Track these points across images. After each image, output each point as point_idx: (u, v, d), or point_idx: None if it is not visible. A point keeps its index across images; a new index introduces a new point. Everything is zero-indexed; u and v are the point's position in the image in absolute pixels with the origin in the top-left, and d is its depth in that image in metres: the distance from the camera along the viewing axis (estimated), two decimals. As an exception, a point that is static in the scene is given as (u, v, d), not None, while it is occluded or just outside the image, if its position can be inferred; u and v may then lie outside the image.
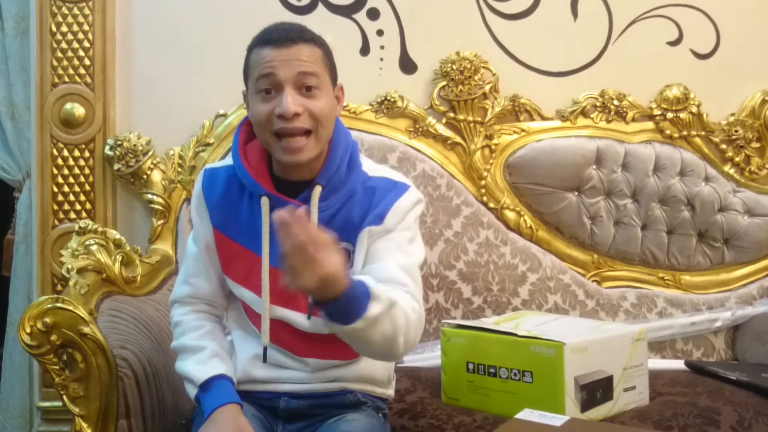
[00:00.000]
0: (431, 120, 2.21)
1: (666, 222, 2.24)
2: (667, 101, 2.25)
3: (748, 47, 2.30)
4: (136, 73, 2.22)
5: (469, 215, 2.16)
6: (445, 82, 2.21)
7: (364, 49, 2.24)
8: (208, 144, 2.18)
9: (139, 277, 1.87)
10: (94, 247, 1.77)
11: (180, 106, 2.21)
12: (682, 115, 2.25)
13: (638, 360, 1.68)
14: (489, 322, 1.78)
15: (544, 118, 2.25)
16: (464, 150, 2.22)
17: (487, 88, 2.21)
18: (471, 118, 2.21)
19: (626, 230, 2.23)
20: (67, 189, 2.16)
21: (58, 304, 1.47)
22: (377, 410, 1.50)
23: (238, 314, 1.51)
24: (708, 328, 2.17)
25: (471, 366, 1.66)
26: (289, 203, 1.39)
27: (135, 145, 2.15)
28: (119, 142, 2.15)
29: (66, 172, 2.16)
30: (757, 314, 2.15)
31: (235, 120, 2.16)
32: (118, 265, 1.79)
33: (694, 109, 2.25)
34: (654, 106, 2.26)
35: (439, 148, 2.22)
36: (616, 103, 2.25)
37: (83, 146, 2.16)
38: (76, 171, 2.16)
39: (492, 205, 2.21)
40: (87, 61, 2.15)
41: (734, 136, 2.26)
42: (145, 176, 2.16)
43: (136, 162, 2.15)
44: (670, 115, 2.25)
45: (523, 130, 2.23)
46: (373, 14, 2.24)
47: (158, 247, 2.15)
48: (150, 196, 2.17)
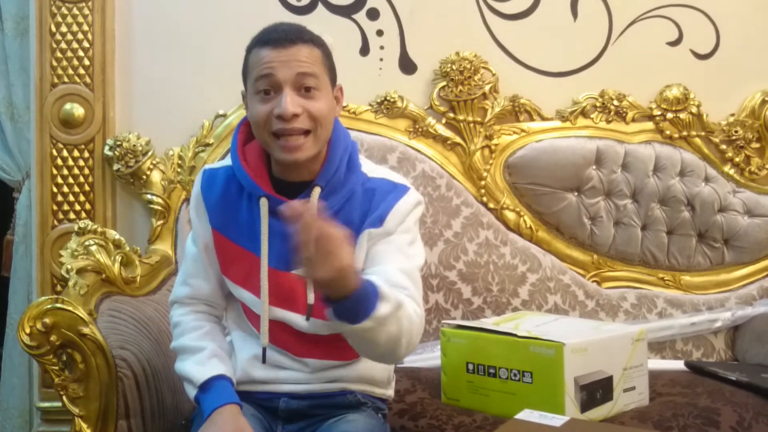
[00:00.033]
0: (431, 120, 2.21)
1: (666, 222, 2.24)
2: (667, 101, 2.25)
3: (748, 47, 2.29)
4: (136, 73, 2.22)
5: (469, 215, 2.16)
6: (444, 83, 2.21)
7: (364, 50, 2.24)
8: (208, 144, 2.18)
9: (139, 278, 1.87)
10: (94, 248, 1.77)
11: (180, 107, 2.21)
12: (682, 116, 2.25)
13: (638, 360, 1.68)
14: (489, 322, 1.78)
15: (544, 119, 2.25)
16: (464, 150, 2.22)
17: (487, 88, 2.21)
18: (471, 119, 2.21)
19: (626, 230, 2.23)
20: (66, 189, 2.16)
21: (58, 305, 1.47)
22: (377, 411, 1.50)
23: (238, 315, 1.50)
24: (708, 329, 2.16)
25: (471, 366, 1.66)
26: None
27: (134, 146, 2.15)
28: (119, 143, 2.15)
29: (65, 172, 2.16)
30: (757, 315, 2.15)
31: (234, 120, 2.16)
32: (117, 265, 1.79)
33: (694, 110, 2.25)
34: (654, 106, 2.26)
35: (438, 149, 2.22)
36: (616, 103, 2.25)
37: (83, 146, 2.16)
38: (76, 171, 2.16)
39: (492, 206, 2.21)
40: (86, 62, 2.15)
41: (734, 137, 2.26)
42: (145, 176, 2.16)
43: (136, 162, 2.15)
44: (670, 116, 2.25)
45: (523, 131, 2.23)
46: (373, 14, 2.24)
47: (158, 248, 2.15)
48: (149, 197, 2.17)
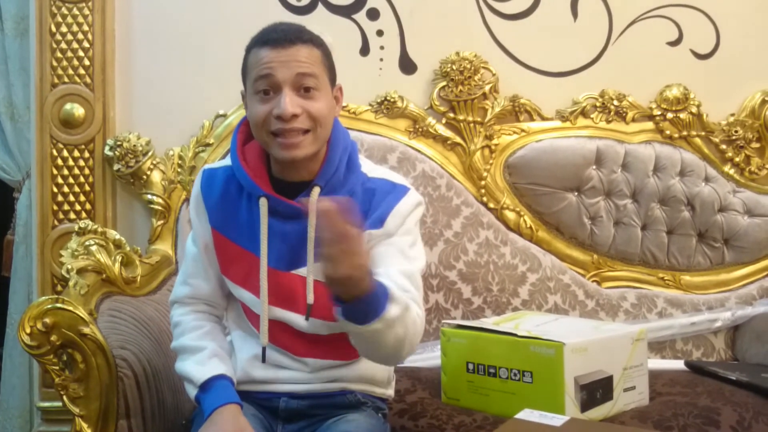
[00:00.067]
0: (431, 120, 2.21)
1: (666, 222, 2.24)
2: (667, 101, 2.25)
3: (748, 47, 2.29)
4: (136, 73, 2.22)
5: (469, 215, 2.16)
6: (444, 83, 2.21)
7: (364, 50, 2.24)
8: (208, 144, 2.18)
9: (139, 278, 1.87)
10: (94, 248, 1.77)
11: (180, 107, 2.21)
12: (682, 116, 2.25)
13: (638, 360, 1.68)
14: (489, 322, 1.78)
15: (544, 119, 2.25)
16: (464, 150, 2.22)
17: (487, 88, 2.21)
18: (471, 119, 2.21)
19: (626, 230, 2.23)
20: (66, 189, 2.16)
21: (58, 305, 1.47)
22: (377, 410, 1.50)
23: (238, 315, 1.50)
24: (708, 329, 2.16)
25: (471, 366, 1.66)
26: (287, 204, 1.39)
27: (135, 146, 2.15)
28: (119, 143, 2.15)
29: (66, 172, 2.16)
30: (757, 314, 2.15)
31: (234, 120, 2.15)
32: (117, 265, 1.79)
33: (694, 110, 2.25)
34: (654, 106, 2.26)
35: (438, 149, 2.22)
36: (616, 103, 2.25)
37: (83, 147, 2.16)
38: (76, 171, 2.16)
39: (492, 206, 2.21)
40: (87, 62, 2.15)
41: (734, 137, 2.26)
42: (145, 177, 2.16)
43: (136, 162, 2.15)
44: (670, 116, 2.25)
45: (523, 131, 2.23)
46: (373, 14, 2.24)
47: (158, 248, 2.15)
48: (150, 197, 2.17)
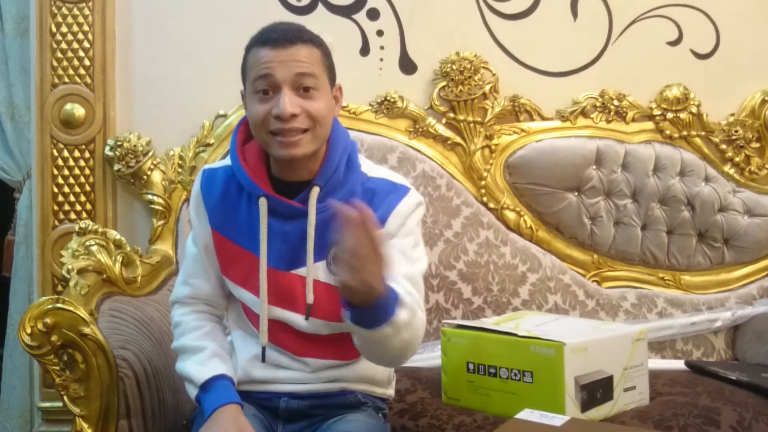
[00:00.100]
0: (431, 120, 2.21)
1: (666, 222, 2.24)
2: (667, 101, 2.25)
3: (748, 47, 2.29)
4: (136, 74, 2.22)
5: (469, 215, 2.16)
6: (445, 83, 2.21)
7: (364, 50, 2.24)
8: (208, 144, 2.18)
9: (140, 278, 1.87)
10: (95, 248, 1.77)
11: (180, 107, 2.21)
12: (682, 115, 2.25)
13: (638, 360, 1.68)
14: (489, 322, 1.78)
15: (544, 119, 2.25)
16: (464, 150, 2.22)
17: (487, 88, 2.21)
18: (471, 119, 2.21)
19: (626, 230, 2.23)
20: (67, 190, 2.16)
21: (59, 305, 1.47)
22: (377, 410, 1.50)
23: (238, 315, 1.50)
24: (708, 328, 2.16)
25: (471, 366, 1.66)
26: (287, 204, 1.39)
27: (135, 146, 2.15)
28: (119, 143, 2.15)
29: (66, 172, 2.16)
30: (757, 314, 2.15)
31: (235, 120, 2.15)
32: (118, 265, 1.79)
33: (694, 109, 2.25)
34: (654, 106, 2.26)
35: (439, 149, 2.22)
36: (616, 103, 2.25)
37: (83, 147, 2.16)
38: (77, 172, 2.16)
39: (492, 206, 2.21)
40: (87, 62, 2.15)
41: (734, 137, 2.26)
42: (146, 177, 2.17)
43: (137, 162, 2.15)
44: (670, 115, 2.25)
45: (523, 131, 2.23)
46: (373, 14, 2.24)
47: (158, 248, 2.15)
48: (150, 197, 2.17)
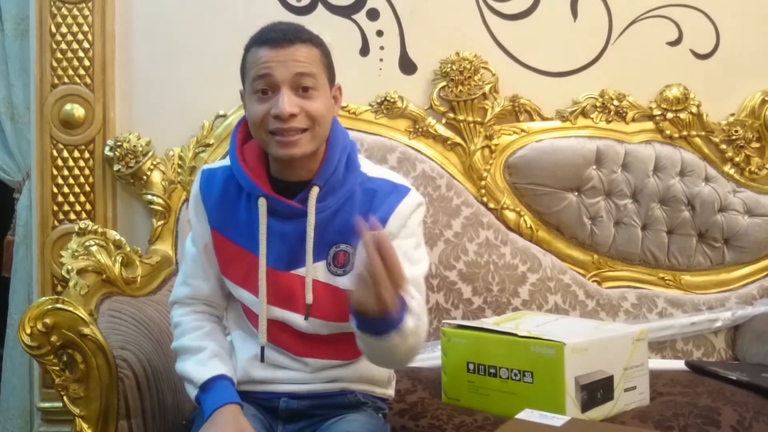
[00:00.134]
0: (431, 120, 2.21)
1: (666, 222, 2.24)
2: (667, 101, 2.25)
3: (748, 47, 2.29)
4: (136, 74, 2.22)
5: (469, 215, 2.16)
6: (444, 83, 2.21)
7: (364, 50, 2.24)
8: (208, 145, 2.18)
9: (139, 278, 1.87)
10: (94, 248, 1.77)
11: (180, 107, 2.21)
12: (682, 115, 2.25)
13: (639, 360, 1.68)
14: (489, 322, 1.78)
15: (544, 119, 2.25)
16: (464, 150, 2.22)
17: (487, 88, 2.21)
18: (471, 119, 2.21)
19: (626, 230, 2.23)
20: (67, 190, 2.16)
21: (58, 305, 1.47)
22: (377, 410, 1.50)
23: (237, 315, 1.50)
24: (708, 328, 2.16)
25: (471, 366, 1.66)
26: (286, 204, 1.39)
27: (135, 146, 2.15)
28: (119, 143, 2.15)
29: (66, 173, 2.16)
30: (757, 314, 2.15)
31: (234, 120, 2.15)
32: (118, 265, 1.79)
33: (694, 109, 2.25)
34: (654, 106, 2.26)
35: (439, 149, 2.22)
36: (616, 103, 2.25)
37: (83, 147, 2.16)
38: (76, 172, 2.16)
39: (492, 206, 2.21)
40: (87, 62, 2.15)
41: (734, 136, 2.26)
42: (145, 177, 2.16)
43: (136, 163, 2.15)
44: (670, 115, 2.25)
45: (523, 131, 2.23)
46: (373, 15, 2.24)
47: (158, 248, 2.15)
48: (150, 197, 2.17)
